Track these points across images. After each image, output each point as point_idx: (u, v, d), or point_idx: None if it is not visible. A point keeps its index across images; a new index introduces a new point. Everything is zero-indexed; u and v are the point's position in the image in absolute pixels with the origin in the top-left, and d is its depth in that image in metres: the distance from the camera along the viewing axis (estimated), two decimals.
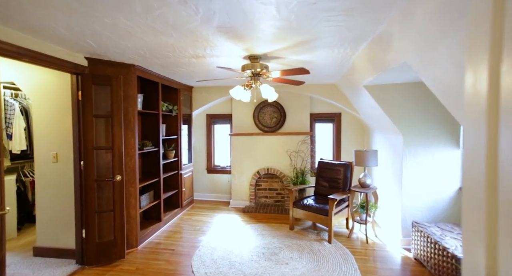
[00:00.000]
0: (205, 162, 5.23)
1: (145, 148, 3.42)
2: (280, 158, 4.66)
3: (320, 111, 4.79)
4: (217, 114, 5.16)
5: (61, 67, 2.46)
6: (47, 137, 2.89)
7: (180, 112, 4.31)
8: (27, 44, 2.13)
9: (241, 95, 2.78)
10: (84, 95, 2.64)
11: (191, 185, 4.81)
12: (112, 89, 2.71)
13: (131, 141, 3.05)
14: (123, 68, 2.95)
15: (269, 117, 4.78)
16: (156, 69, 3.33)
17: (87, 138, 2.67)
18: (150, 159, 3.77)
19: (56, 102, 2.82)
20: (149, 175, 3.76)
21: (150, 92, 3.67)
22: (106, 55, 2.66)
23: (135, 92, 3.05)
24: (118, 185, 2.80)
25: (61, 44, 2.34)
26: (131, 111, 3.02)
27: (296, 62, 2.90)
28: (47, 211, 2.94)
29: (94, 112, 2.68)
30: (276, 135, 4.68)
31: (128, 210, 3.09)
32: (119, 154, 2.78)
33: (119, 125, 2.76)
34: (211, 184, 5.23)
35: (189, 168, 4.71)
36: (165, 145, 4.27)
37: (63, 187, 2.89)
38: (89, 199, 2.72)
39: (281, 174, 4.64)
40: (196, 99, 4.89)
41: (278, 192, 4.78)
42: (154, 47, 2.40)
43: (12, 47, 2.02)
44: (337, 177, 3.75)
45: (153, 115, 3.70)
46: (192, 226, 3.88)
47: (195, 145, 5.20)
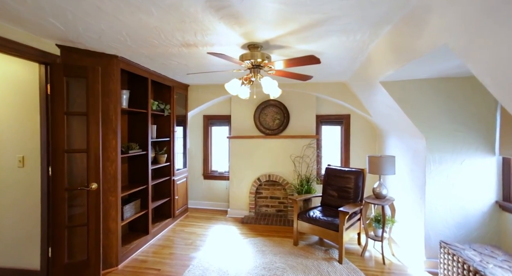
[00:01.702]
0: (202, 167, 4.81)
1: (131, 151, 3.02)
2: (283, 163, 4.23)
3: (327, 112, 4.38)
4: (215, 115, 4.76)
5: (23, 54, 2.07)
6: (12, 137, 2.49)
7: (173, 112, 3.92)
8: None
9: (238, 90, 2.37)
10: (54, 89, 2.25)
11: (185, 192, 4.39)
12: (88, 82, 2.32)
13: (112, 143, 2.65)
14: (103, 59, 2.56)
15: (271, 118, 4.37)
16: (144, 62, 2.94)
17: (56, 139, 2.27)
18: (137, 164, 3.36)
19: (23, 96, 2.43)
20: (136, 182, 3.34)
21: (138, 88, 3.28)
22: (80, 42, 2.28)
23: (118, 87, 2.65)
24: (93, 195, 2.39)
25: (21, 26, 1.95)
26: (112, 108, 2.63)
27: (302, 52, 2.50)
28: (9, 225, 2.52)
29: (65, 109, 2.28)
30: (279, 139, 4.26)
31: (107, 223, 2.66)
32: (95, 158, 2.37)
33: (95, 123, 2.36)
34: (208, 191, 4.81)
35: (183, 174, 4.29)
36: (156, 148, 3.86)
37: (30, 196, 2.48)
38: (58, 212, 2.30)
39: (284, 182, 4.21)
40: (192, 98, 4.50)
41: (281, 201, 4.34)
42: (134, 30, 2.01)
43: None
44: (347, 186, 3.31)
45: (142, 114, 3.31)
46: (184, 240, 3.44)
47: (191, 149, 4.79)
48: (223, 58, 1.99)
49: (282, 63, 2.17)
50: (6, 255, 2.52)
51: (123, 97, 2.90)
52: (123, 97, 2.90)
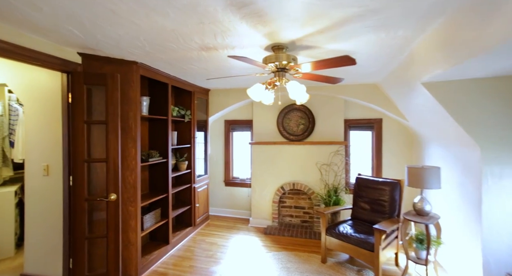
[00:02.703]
0: (223, 174, 4.68)
1: (151, 159, 2.94)
2: (308, 171, 3.96)
3: (356, 116, 4.04)
4: (236, 120, 4.62)
5: (46, 63, 2.05)
6: (38, 145, 2.51)
7: (194, 118, 3.82)
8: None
9: (262, 95, 2.18)
10: (75, 97, 2.22)
11: (206, 200, 4.28)
12: (107, 89, 2.26)
13: (132, 152, 2.58)
14: (123, 65, 2.50)
15: (296, 123, 4.12)
16: (163, 68, 2.86)
17: (76, 148, 2.23)
18: (157, 172, 3.29)
19: (47, 105, 2.44)
20: (156, 190, 3.27)
21: (158, 95, 3.21)
22: (99, 49, 2.22)
23: (138, 94, 2.58)
24: (112, 206, 2.32)
25: (43, 35, 1.92)
26: (132, 116, 2.56)
27: (332, 53, 2.25)
28: (36, 233, 2.54)
29: (85, 118, 2.24)
30: (304, 145, 4.00)
31: (126, 234, 2.59)
32: (114, 167, 2.30)
33: (114, 132, 2.29)
34: (229, 198, 4.66)
35: (204, 181, 4.19)
36: (177, 155, 3.78)
37: (54, 205, 2.47)
38: (78, 222, 2.26)
39: (310, 191, 3.93)
40: (212, 103, 4.39)
41: (306, 211, 4.07)
42: (151, 35, 1.90)
43: None
44: (382, 198, 2.97)
45: (162, 121, 3.23)
46: (204, 251, 3.31)
47: (212, 155, 4.68)
48: (245, 62, 1.81)
49: (310, 66, 1.95)
50: (33, 262, 2.55)
51: (143, 104, 2.84)
52: (143, 104, 2.84)
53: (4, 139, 3.39)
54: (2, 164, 3.38)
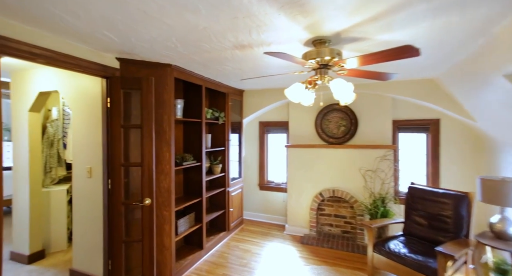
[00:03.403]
0: (257, 177, 4.53)
1: (185, 163, 2.90)
2: (350, 178, 3.60)
3: (407, 116, 3.56)
4: (271, 121, 4.43)
5: (87, 69, 2.09)
6: (83, 148, 2.62)
7: (228, 120, 3.73)
8: (42, 42, 1.79)
9: (301, 96, 1.95)
10: (113, 102, 2.24)
11: (240, 204, 4.17)
12: (142, 93, 2.24)
13: (166, 156, 2.55)
14: (158, 68, 2.48)
15: (336, 125, 3.79)
16: (197, 69, 2.79)
17: (114, 152, 2.25)
18: (191, 175, 3.25)
19: (90, 110, 2.52)
20: (190, 194, 3.24)
21: (193, 97, 3.17)
22: (135, 53, 2.21)
23: (172, 96, 2.55)
24: (147, 210, 2.30)
25: (82, 41, 1.95)
26: (166, 119, 2.53)
27: (383, 45, 1.93)
28: (82, 232, 2.66)
29: (122, 122, 2.25)
30: (345, 148, 3.65)
31: (161, 238, 2.57)
32: (148, 172, 2.28)
33: (149, 136, 2.27)
34: (264, 203, 4.49)
35: (238, 184, 4.08)
36: (211, 158, 3.73)
37: (96, 206, 2.55)
38: (115, 226, 2.28)
39: (352, 199, 3.57)
40: (247, 104, 4.27)
41: (347, 220, 3.71)
42: (184, 35, 1.80)
43: (22, 45, 1.68)
44: (443, 213, 2.52)
45: (196, 124, 3.19)
46: (238, 259, 3.18)
47: (246, 157, 4.56)
48: (283, 58, 1.61)
49: (358, 60, 1.67)
50: (80, 259, 2.67)
51: (178, 107, 2.80)
52: (178, 107, 2.80)
53: (59, 141, 3.67)
54: (57, 164, 3.66)
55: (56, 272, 2.89)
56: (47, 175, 3.51)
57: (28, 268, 2.99)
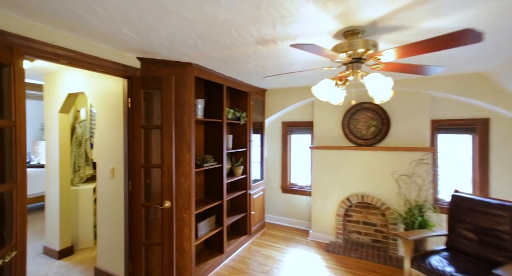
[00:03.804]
0: (280, 179, 4.37)
1: (205, 164, 2.83)
2: (382, 182, 3.31)
3: (449, 116, 3.19)
4: (295, 121, 4.24)
5: (108, 69, 2.08)
6: (106, 149, 2.63)
7: (250, 120, 3.61)
8: (65, 43, 1.78)
9: (330, 94, 1.76)
10: (133, 102, 2.21)
11: (262, 207, 4.03)
12: (163, 93, 2.18)
13: (187, 157, 2.48)
14: (178, 67, 2.42)
15: (365, 125, 3.51)
16: (218, 68, 2.69)
17: (134, 153, 2.22)
18: (212, 177, 3.17)
19: (113, 110, 2.53)
20: (211, 196, 3.17)
21: (213, 96, 3.09)
22: (155, 52, 2.16)
23: (192, 96, 2.47)
24: (167, 213, 2.24)
25: (102, 40, 1.92)
26: (187, 119, 2.46)
27: (427, 33, 1.68)
28: (105, 232, 2.68)
29: (142, 122, 2.21)
30: (375, 151, 3.37)
31: (181, 241, 2.51)
32: (168, 174, 2.22)
33: (169, 137, 2.20)
34: (286, 206, 4.31)
35: (260, 187, 3.94)
36: (232, 159, 3.63)
37: (118, 208, 2.55)
38: (136, 228, 2.25)
39: (383, 206, 3.28)
40: (269, 104, 4.12)
41: (378, 229, 3.42)
42: (203, 30, 1.70)
43: (46, 47, 1.68)
44: (498, 228, 2.18)
45: (217, 124, 3.10)
46: (260, 266, 3.05)
47: (268, 159, 4.42)
48: (312, 51, 1.44)
49: (397, 52, 1.45)
50: (104, 258, 2.70)
51: (198, 107, 2.73)
52: (198, 106, 2.73)
53: (86, 141, 3.79)
54: (85, 163, 3.78)
55: (82, 269, 2.96)
56: (76, 173, 3.63)
57: (58, 263, 3.10)
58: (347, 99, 3.20)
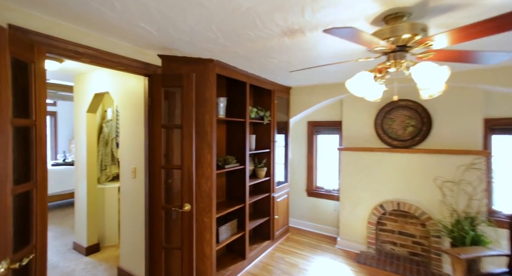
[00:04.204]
0: (305, 182, 4.13)
1: (227, 166, 2.70)
2: (422, 189, 2.96)
3: (507, 114, 2.75)
4: (322, 121, 3.98)
5: (128, 67, 2.03)
6: (128, 148, 2.62)
7: (274, 119, 3.44)
8: (86, 41, 1.75)
9: (367, 88, 1.53)
10: (153, 101, 2.14)
11: (286, 210, 3.84)
12: (183, 91, 2.09)
13: (207, 158, 2.37)
14: (199, 64, 2.32)
15: (401, 125, 3.17)
16: (241, 64, 2.55)
17: (154, 153, 2.15)
18: (234, 179, 3.05)
19: (135, 110, 2.50)
20: (232, 199, 3.04)
21: (236, 95, 2.96)
22: (175, 48, 2.07)
23: (214, 94, 2.36)
24: (186, 216, 2.14)
25: (121, 36, 1.87)
26: (208, 119, 2.35)
27: (490, 11, 1.38)
28: (127, 231, 2.67)
29: (163, 122, 2.13)
30: (414, 153, 3.02)
31: (201, 246, 2.41)
32: (188, 175, 2.12)
33: (189, 137, 2.10)
34: (312, 210, 4.07)
35: (284, 190, 3.75)
36: (255, 160, 3.48)
37: (139, 208, 2.52)
38: (155, 230, 2.18)
39: (424, 215, 2.92)
40: (294, 102, 3.91)
41: (417, 240, 3.06)
42: (224, 21, 1.56)
43: (68, 44, 1.65)
44: None
45: (239, 123, 2.97)
46: (283, 274, 2.86)
47: (293, 161, 4.20)
48: (348, 37, 1.23)
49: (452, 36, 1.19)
50: (126, 258, 2.70)
51: (220, 106, 2.61)
52: (220, 105, 2.61)
53: (113, 140, 3.87)
54: (111, 162, 3.87)
55: (107, 267, 2.99)
56: (103, 172, 3.72)
57: (85, 260, 3.17)
58: (385, 94, 2.90)
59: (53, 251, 3.41)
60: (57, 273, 2.89)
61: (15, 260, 1.30)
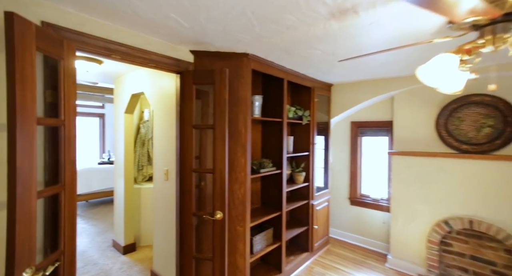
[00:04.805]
0: (347, 189, 3.72)
1: (262, 170, 2.47)
2: (506, 205, 2.38)
3: None
4: (367, 121, 3.53)
5: (160, 64, 1.91)
6: (161, 149, 2.54)
7: (313, 120, 3.12)
8: (116, 37, 1.66)
9: (448, 76, 1.17)
10: (184, 99, 2.00)
11: (326, 220, 3.47)
12: (215, 88, 1.91)
13: (241, 162, 2.17)
14: (233, 59, 2.12)
15: (474, 125, 2.61)
16: (278, 58, 2.30)
17: (184, 156, 2.01)
18: (269, 184, 2.80)
19: (167, 110, 2.40)
20: (267, 206, 2.80)
21: (272, 93, 2.72)
22: (208, 42, 1.90)
23: (249, 92, 2.15)
24: (218, 225, 1.95)
25: (152, 31, 1.75)
26: (242, 119, 2.15)
27: None
28: (160, 234, 2.59)
29: (194, 122, 1.98)
30: (494, 160, 2.44)
31: (234, 257, 2.21)
32: (221, 180, 1.93)
33: (222, 138, 1.92)
34: (356, 221, 3.64)
35: (324, 197, 3.40)
36: (292, 164, 3.20)
37: (171, 212, 2.42)
38: (186, 238, 2.04)
39: (509, 239, 2.34)
40: (336, 100, 3.53)
41: (498, 270, 2.47)
42: (261, 3, 1.33)
43: (99, 41, 1.58)
44: None
45: (276, 124, 2.72)
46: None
47: (333, 165, 3.82)
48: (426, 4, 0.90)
49: None
50: (158, 262, 2.63)
51: (255, 105, 2.40)
52: (255, 104, 2.39)
53: (149, 141, 3.91)
54: (147, 163, 3.91)
55: (142, 268, 2.97)
56: (140, 172, 3.77)
57: (122, 259, 3.21)
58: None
59: (95, 247, 3.54)
60: (96, 270, 2.95)
61: (40, 268, 1.23)
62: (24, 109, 1.09)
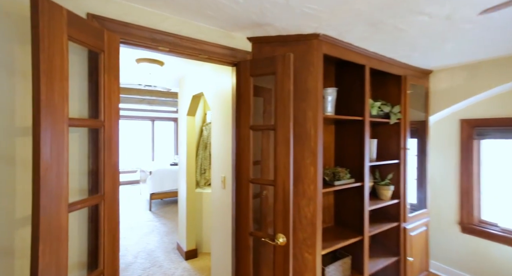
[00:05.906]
0: (457, 211, 2.76)
1: (337, 182, 1.94)
2: None
3: None
4: (488, 118, 2.53)
5: (213, 55, 1.64)
6: (218, 154, 2.31)
7: (405, 118, 2.39)
8: (162, 25, 1.47)
9: None
10: (240, 95, 1.68)
11: (424, 250, 2.63)
12: (277, 79, 1.52)
13: (310, 171, 1.71)
14: (299, 44, 1.69)
15: None
16: (359, 38, 1.75)
17: (241, 162, 1.68)
18: (346, 199, 2.23)
19: (224, 109, 2.15)
20: (343, 226, 2.23)
21: (348, 84, 2.15)
22: (267, 23, 1.53)
23: (319, 83, 1.68)
24: (280, 251, 1.54)
25: (202, 16, 1.49)
26: (311, 117, 1.69)
27: None
28: (217, 244, 2.35)
29: (251, 122, 1.64)
30: None
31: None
32: (284, 195, 1.52)
33: (285, 142, 1.51)
34: (471, 256, 2.65)
35: (421, 219, 2.58)
36: (375, 174, 2.52)
37: (227, 224, 2.14)
38: (242, 261, 1.70)
39: None
40: (437, 92, 2.67)
41: None
42: None
43: (143, 31, 1.40)
44: None
45: (354, 123, 2.14)
46: None
47: (433, 177, 2.91)
48: None
49: None
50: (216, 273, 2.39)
51: (328, 99, 1.90)
52: (328, 98, 1.90)
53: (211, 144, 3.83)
54: (209, 166, 3.82)
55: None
56: (202, 176, 3.70)
57: (184, 264, 3.14)
58: None
59: (162, 247, 3.62)
60: (160, 274, 2.94)
61: None
62: (50, 106, 0.93)
